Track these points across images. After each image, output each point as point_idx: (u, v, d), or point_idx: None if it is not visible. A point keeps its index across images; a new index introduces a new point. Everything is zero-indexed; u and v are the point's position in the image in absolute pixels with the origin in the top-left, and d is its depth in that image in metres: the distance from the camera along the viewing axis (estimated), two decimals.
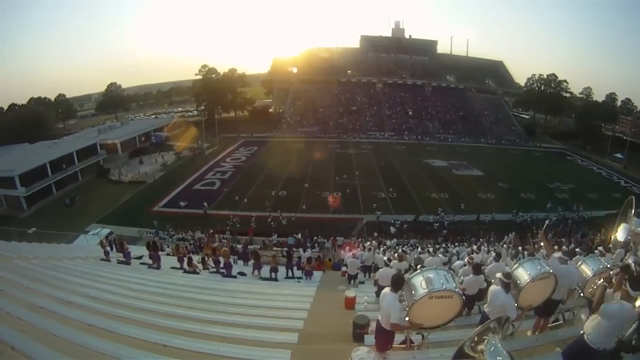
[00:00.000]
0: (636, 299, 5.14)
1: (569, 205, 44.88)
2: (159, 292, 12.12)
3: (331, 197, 42.96)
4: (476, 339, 3.79)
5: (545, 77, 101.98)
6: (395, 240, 31.23)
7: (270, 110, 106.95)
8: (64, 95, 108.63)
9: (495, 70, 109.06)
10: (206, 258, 18.85)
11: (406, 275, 6.85)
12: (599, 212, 41.09)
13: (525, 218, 40.12)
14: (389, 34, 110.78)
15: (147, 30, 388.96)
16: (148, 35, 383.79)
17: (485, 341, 3.75)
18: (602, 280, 5.36)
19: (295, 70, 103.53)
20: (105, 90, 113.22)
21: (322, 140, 77.22)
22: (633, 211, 6.54)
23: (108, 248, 20.27)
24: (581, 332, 5.36)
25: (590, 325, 5.24)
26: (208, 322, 9.03)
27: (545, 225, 10.78)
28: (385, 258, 15.91)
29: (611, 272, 5.38)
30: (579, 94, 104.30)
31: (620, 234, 6.41)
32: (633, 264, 6.29)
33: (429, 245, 25.06)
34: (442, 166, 62.31)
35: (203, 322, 8.92)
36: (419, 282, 6.17)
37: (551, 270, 6.66)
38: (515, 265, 7.08)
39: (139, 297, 11.13)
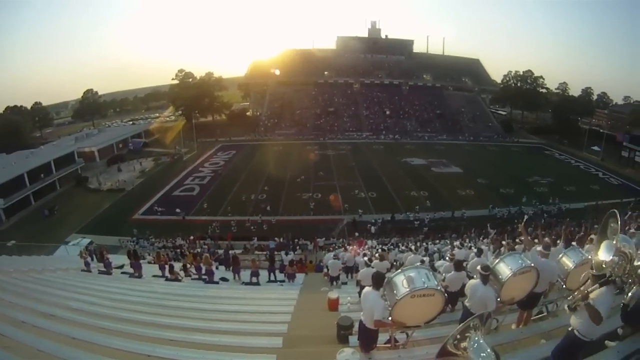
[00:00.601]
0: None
1: (546, 198, 45.61)
2: (141, 302, 12.02)
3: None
4: (458, 336, 3.81)
5: (521, 73, 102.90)
6: (375, 241, 31.24)
7: (248, 113, 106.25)
8: (40, 103, 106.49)
9: (471, 68, 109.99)
10: (188, 265, 18.74)
11: (388, 275, 6.85)
12: (577, 204, 42.16)
13: (503, 213, 40.68)
14: (365, 34, 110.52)
15: (123, 36, 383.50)
16: (124, 41, 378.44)
17: (468, 338, 3.77)
18: (580, 296, 5.29)
19: (277, 72, 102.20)
20: (82, 97, 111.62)
21: (300, 142, 76.94)
22: (618, 227, 5.61)
23: (88, 259, 20.07)
24: (569, 328, 5.39)
25: (577, 319, 5.27)
26: (192, 329, 8.95)
27: (525, 219, 10.84)
28: (365, 258, 15.95)
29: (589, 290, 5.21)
30: (555, 89, 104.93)
31: (603, 254, 5.58)
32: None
33: (410, 244, 25.16)
34: (420, 164, 62.50)
35: (187, 330, 8.83)
36: (400, 281, 6.19)
37: (532, 265, 6.74)
38: (497, 260, 7.14)
39: (122, 307, 11.01)
